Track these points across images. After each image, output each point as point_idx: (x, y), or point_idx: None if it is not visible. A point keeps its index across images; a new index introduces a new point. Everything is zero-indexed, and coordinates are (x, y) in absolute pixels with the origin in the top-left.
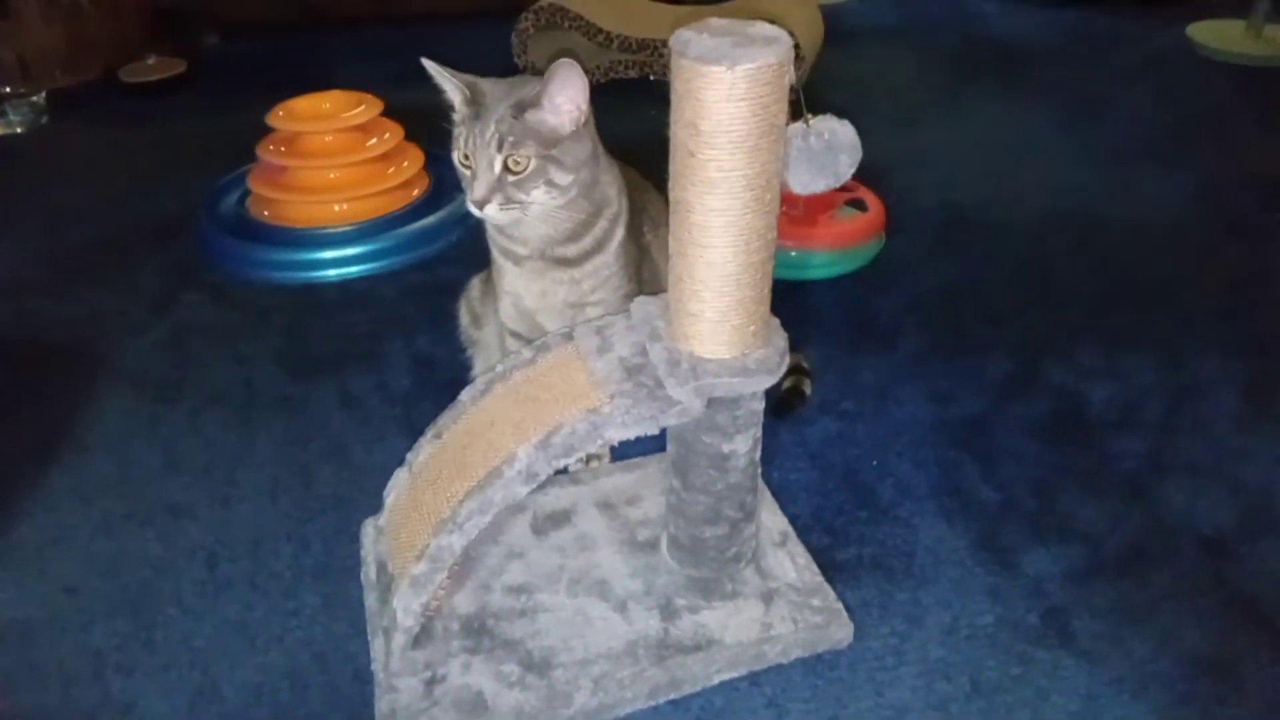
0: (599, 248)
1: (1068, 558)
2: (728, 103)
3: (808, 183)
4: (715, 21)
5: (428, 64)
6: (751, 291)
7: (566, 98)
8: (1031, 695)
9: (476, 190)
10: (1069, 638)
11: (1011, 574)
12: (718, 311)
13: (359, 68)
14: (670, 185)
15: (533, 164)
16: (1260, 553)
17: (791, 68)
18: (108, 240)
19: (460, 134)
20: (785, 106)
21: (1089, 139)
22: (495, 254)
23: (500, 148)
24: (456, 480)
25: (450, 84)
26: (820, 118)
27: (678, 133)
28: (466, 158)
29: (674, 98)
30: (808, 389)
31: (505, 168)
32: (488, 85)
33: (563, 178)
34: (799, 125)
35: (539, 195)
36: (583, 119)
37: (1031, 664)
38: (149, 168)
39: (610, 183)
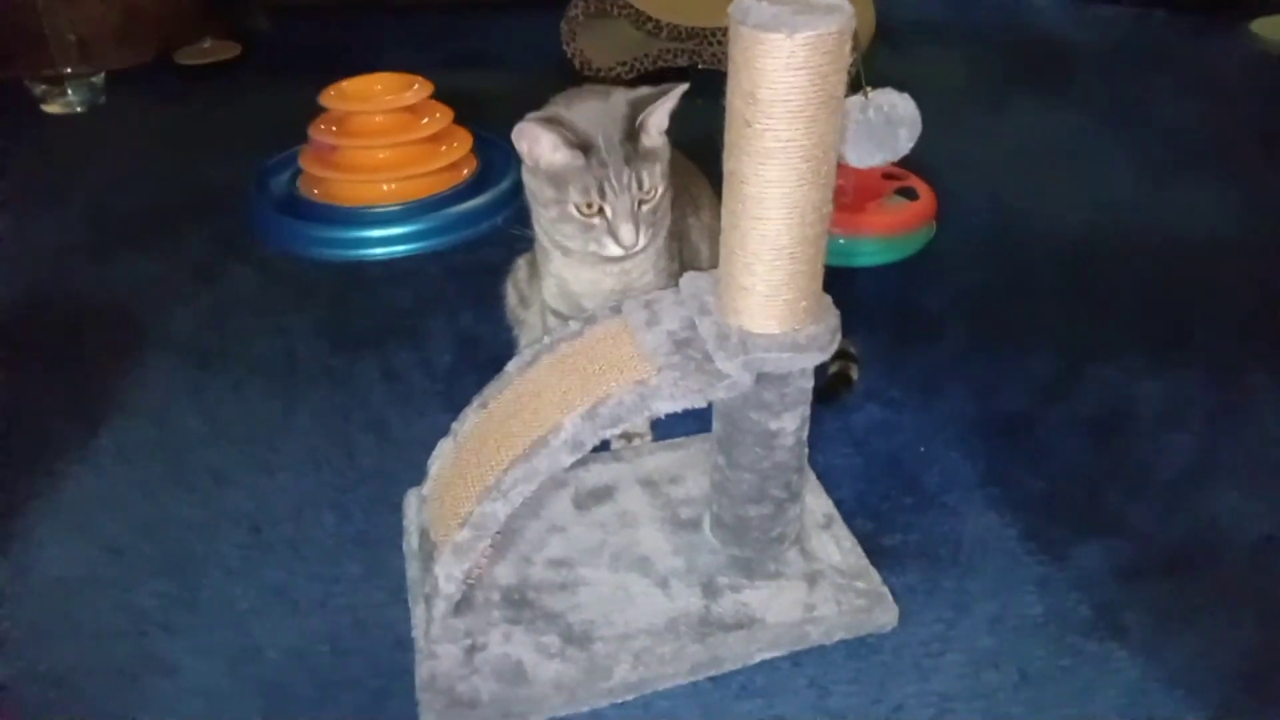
0: (651, 238)
1: (1118, 552)
2: (786, 71)
3: (865, 156)
4: None
5: (533, 129)
6: (805, 266)
7: (665, 119)
8: (1081, 687)
9: (625, 236)
10: (1121, 631)
11: (1061, 566)
12: (769, 286)
13: (409, 52)
14: (725, 156)
15: (660, 187)
16: None
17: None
18: (157, 213)
19: (574, 185)
20: (845, 77)
21: (1140, 144)
22: (544, 242)
23: (639, 184)
24: (502, 449)
25: (561, 140)
26: (880, 91)
27: (734, 102)
28: (589, 206)
29: (731, 67)
30: (854, 375)
31: (641, 203)
32: (583, 123)
33: (663, 182)
34: (858, 98)
35: (662, 213)
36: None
37: (1081, 656)
38: (201, 146)
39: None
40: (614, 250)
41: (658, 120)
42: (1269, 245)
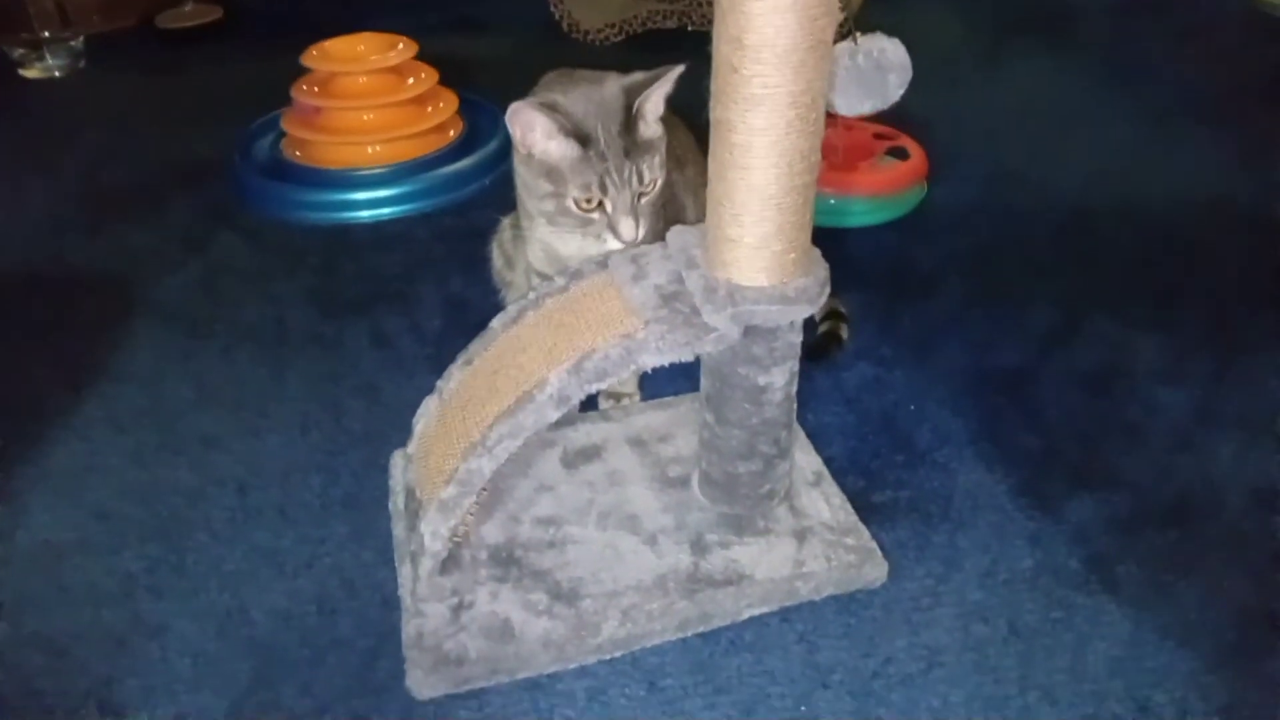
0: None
1: (1112, 505)
2: (774, 14)
3: (855, 103)
4: None
5: (528, 112)
6: (793, 216)
7: (662, 105)
8: (1072, 640)
9: (625, 231)
10: (1113, 584)
11: (1053, 519)
12: (757, 237)
13: (394, 18)
14: (711, 104)
15: (659, 178)
16: None
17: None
18: (142, 182)
19: (573, 179)
20: (834, 22)
21: (1137, 99)
22: (530, 209)
23: (640, 178)
24: (487, 405)
25: (557, 128)
26: (869, 36)
27: (720, 48)
28: (589, 201)
29: (717, 12)
30: (844, 334)
31: (641, 195)
32: (579, 112)
33: (664, 172)
34: (847, 44)
35: (658, 202)
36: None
37: (1073, 609)
38: (184, 112)
39: None
40: (613, 244)
41: (654, 106)
42: (1267, 201)
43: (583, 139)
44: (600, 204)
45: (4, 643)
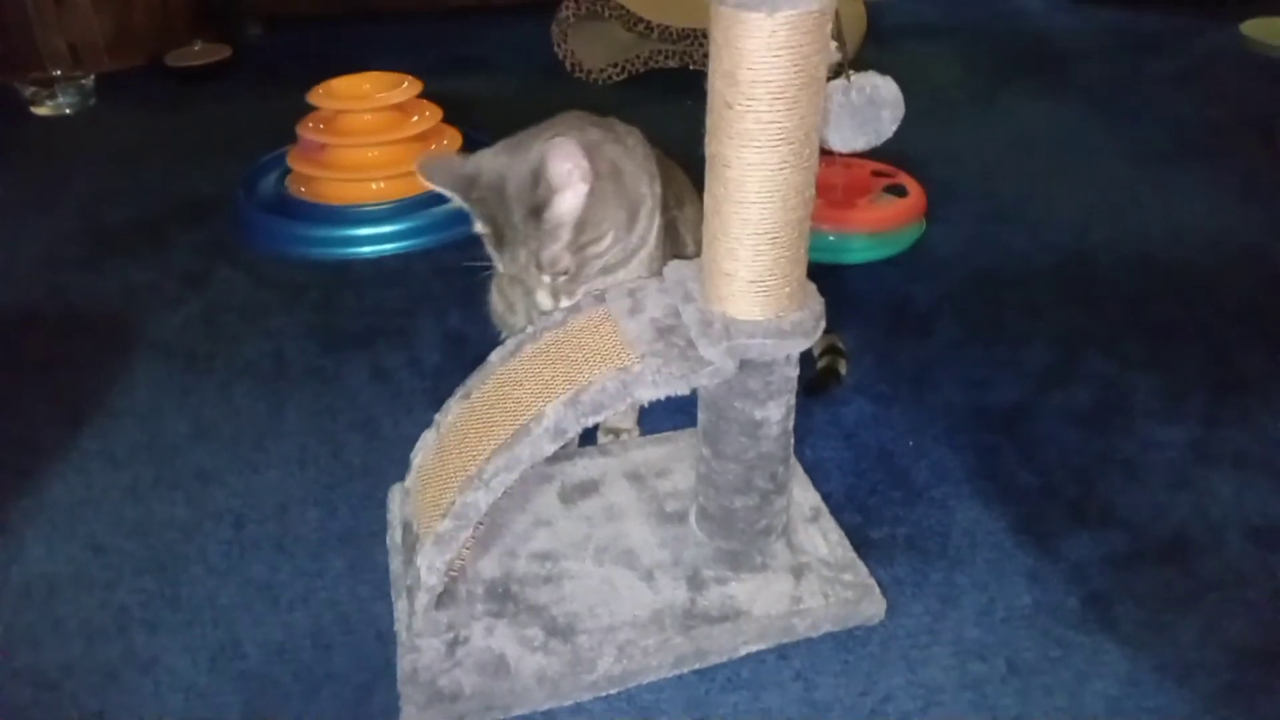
0: (642, 243)
1: (1110, 543)
2: (767, 52)
3: (848, 139)
4: None
5: (424, 178)
6: (788, 251)
7: (565, 172)
8: (1070, 679)
9: (544, 302)
10: (1110, 623)
11: (1051, 558)
12: (752, 271)
13: (400, 58)
14: (706, 140)
15: (574, 260)
16: None
17: (835, 42)
18: (145, 218)
19: (493, 256)
20: (826, 58)
21: (1133, 138)
22: None
23: (544, 267)
24: (484, 439)
25: (457, 198)
26: (862, 74)
27: (715, 84)
28: (514, 277)
29: (712, 47)
30: (843, 369)
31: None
32: (489, 189)
33: (603, 240)
34: (840, 81)
35: (594, 267)
36: (591, 178)
37: (1071, 648)
38: (190, 149)
39: (637, 177)
40: (543, 306)
41: (551, 185)
42: (1263, 238)
43: (492, 225)
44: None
45: None
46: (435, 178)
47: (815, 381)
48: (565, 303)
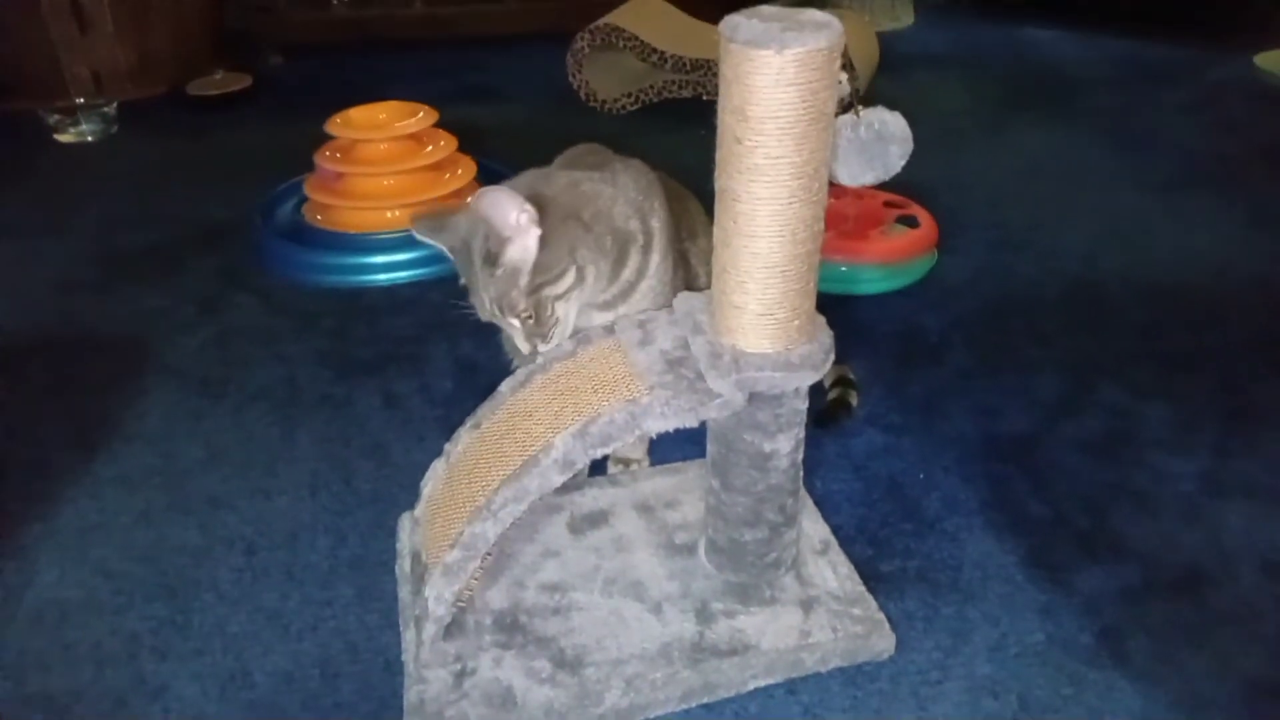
0: (639, 276)
1: (1122, 576)
2: (776, 88)
3: (857, 174)
4: (766, 9)
5: (415, 231)
6: (797, 284)
7: (505, 220)
8: (1083, 715)
9: (522, 345)
10: (1123, 658)
11: (1063, 591)
12: (762, 304)
13: (415, 86)
14: (716, 174)
15: (533, 302)
16: None
17: (845, 76)
18: (161, 244)
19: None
20: (835, 95)
21: (1142, 167)
22: None
23: (504, 311)
24: (493, 469)
25: (440, 248)
26: (871, 109)
27: (725, 119)
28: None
29: (722, 83)
30: (854, 401)
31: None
32: (459, 240)
33: (560, 282)
34: (849, 116)
35: (566, 305)
36: (536, 220)
37: (1083, 684)
38: (208, 177)
39: (625, 214)
40: (522, 351)
41: (497, 230)
42: (1273, 266)
43: (466, 271)
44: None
45: (6, 701)
46: (419, 228)
47: (826, 413)
48: (543, 347)
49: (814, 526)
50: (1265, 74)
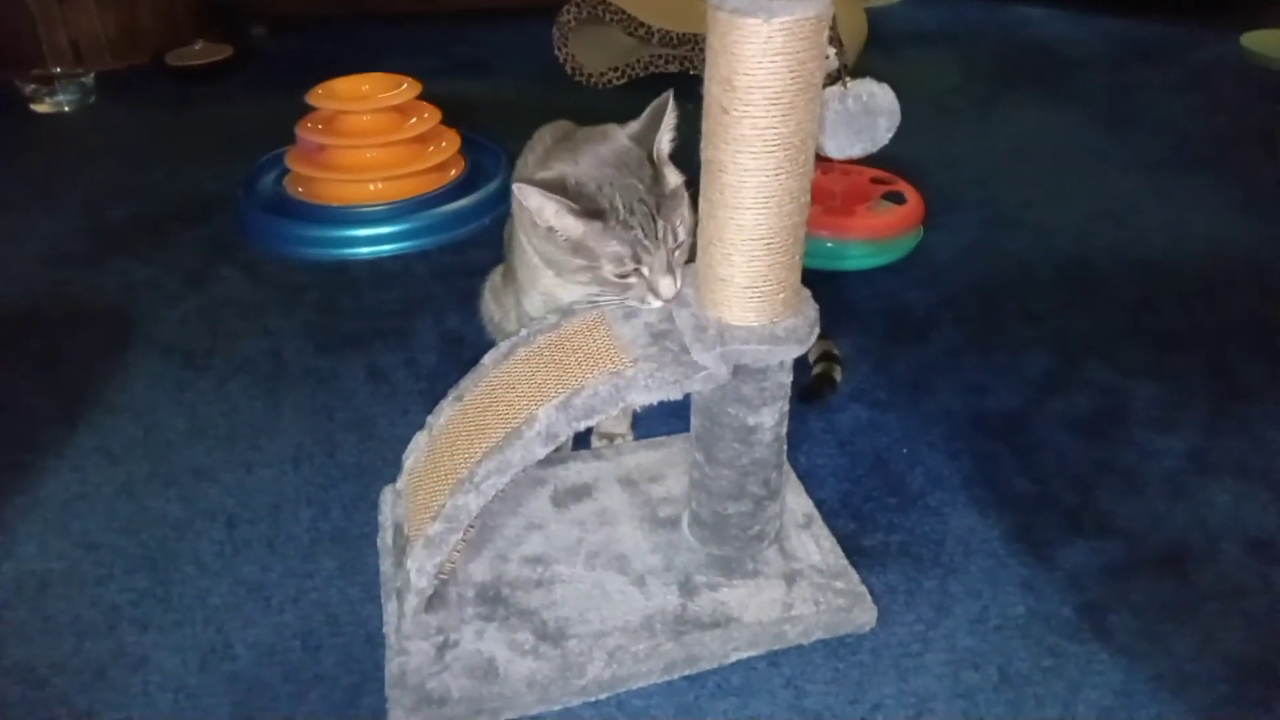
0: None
1: (1106, 553)
2: (763, 57)
3: (844, 146)
4: None
5: (536, 197)
6: (783, 256)
7: (671, 138)
8: (1063, 689)
9: (664, 290)
10: (1105, 633)
11: (1046, 566)
12: (747, 277)
13: (401, 60)
14: (702, 145)
15: (691, 224)
16: None
17: (833, 51)
18: (146, 216)
19: (604, 255)
20: (823, 65)
21: (1133, 146)
22: (537, 263)
23: (676, 236)
24: (475, 442)
25: (556, 208)
26: (859, 81)
27: (711, 89)
28: (624, 273)
29: (709, 53)
30: (838, 376)
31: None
32: (592, 182)
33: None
34: (836, 88)
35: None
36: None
37: (1064, 657)
38: (190, 148)
39: None
40: (653, 304)
41: (667, 147)
42: (1263, 248)
43: (598, 213)
44: (637, 270)
45: None
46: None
47: (811, 388)
48: (680, 282)
49: (798, 500)
50: (1252, 54)
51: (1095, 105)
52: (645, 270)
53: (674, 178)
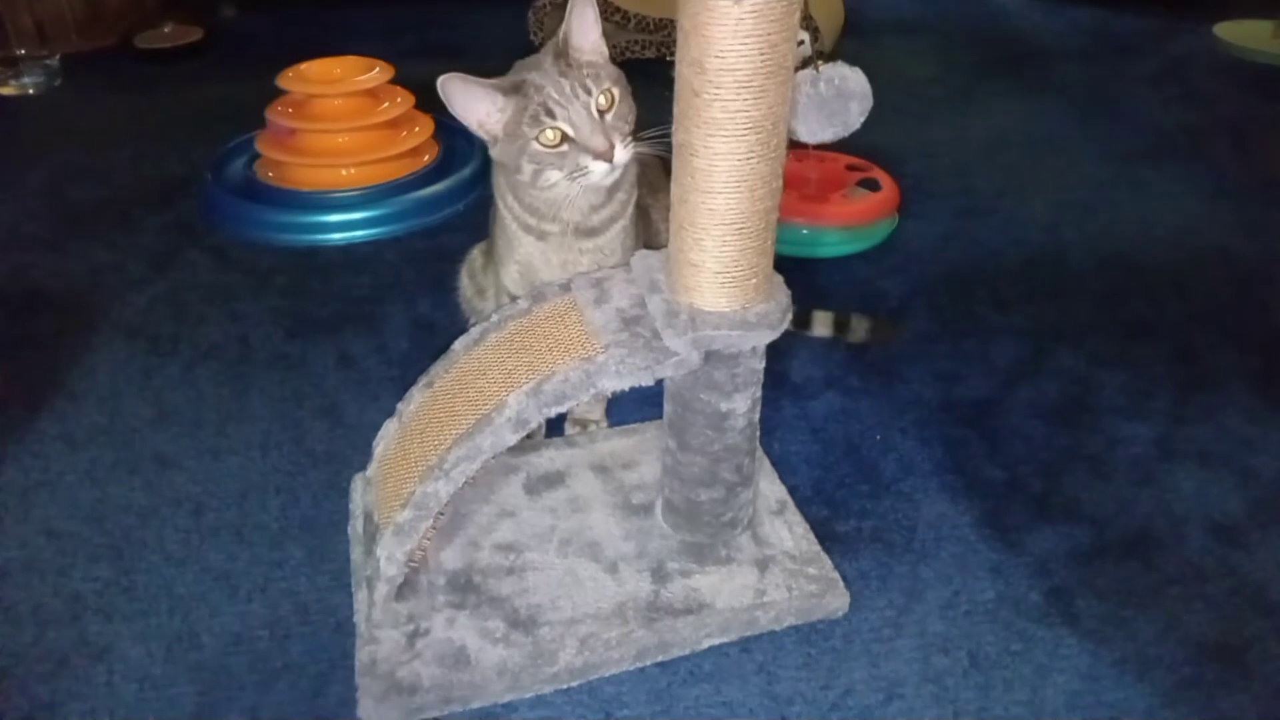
0: (622, 212)
1: (1073, 538)
2: (734, 39)
3: (816, 130)
4: None
5: (452, 84)
6: (754, 241)
7: (592, 25)
8: (1031, 673)
9: (597, 143)
10: (1072, 617)
11: (1015, 552)
12: (719, 262)
13: (374, 43)
14: (674, 128)
15: (615, 92)
16: (1270, 541)
17: (806, 36)
18: (112, 200)
19: (524, 123)
20: (794, 48)
21: (1106, 136)
22: (514, 229)
23: (589, 91)
24: (446, 428)
25: (483, 92)
26: (831, 64)
27: (683, 72)
28: (547, 135)
29: (680, 35)
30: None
31: (599, 110)
32: (512, 73)
33: (626, 99)
34: (808, 71)
35: (630, 124)
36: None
37: (1032, 642)
38: (158, 132)
39: None
40: (598, 167)
41: (581, 31)
42: (1233, 237)
43: (515, 87)
44: (563, 134)
45: None
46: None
47: (875, 330)
48: (620, 152)
49: (771, 487)
50: (1225, 45)
51: (1070, 96)
52: (567, 129)
53: (588, 55)
